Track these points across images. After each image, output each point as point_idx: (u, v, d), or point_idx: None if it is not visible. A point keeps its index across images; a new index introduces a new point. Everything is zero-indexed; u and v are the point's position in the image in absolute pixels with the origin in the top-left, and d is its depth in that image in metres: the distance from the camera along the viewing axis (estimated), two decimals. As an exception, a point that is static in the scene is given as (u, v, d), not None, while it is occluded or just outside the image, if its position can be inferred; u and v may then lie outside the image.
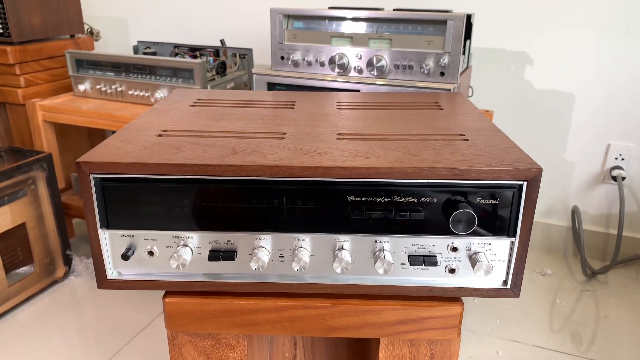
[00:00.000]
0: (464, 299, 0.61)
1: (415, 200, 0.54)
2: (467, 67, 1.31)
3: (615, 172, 1.53)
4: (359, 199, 0.54)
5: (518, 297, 0.58)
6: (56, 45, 1.67)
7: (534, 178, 0.52)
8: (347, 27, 1.18)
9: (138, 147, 0.57)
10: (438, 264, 0.57)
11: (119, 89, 1.51)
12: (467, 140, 0.61)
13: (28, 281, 1.40)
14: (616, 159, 1.54)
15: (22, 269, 1.48)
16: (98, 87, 1.54)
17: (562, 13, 1.45)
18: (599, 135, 1.54)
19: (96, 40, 1.84)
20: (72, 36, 1.74)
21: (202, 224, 0.56)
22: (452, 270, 0.57)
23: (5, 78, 1.59)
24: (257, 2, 1.75)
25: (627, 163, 1.53)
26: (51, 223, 1.43)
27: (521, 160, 0.54)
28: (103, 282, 0.58)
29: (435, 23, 1.10)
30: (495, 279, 0.58)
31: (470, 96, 1.44)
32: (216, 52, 1.69)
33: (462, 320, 0.61)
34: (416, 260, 0.56)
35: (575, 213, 1.58)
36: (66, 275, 1.50)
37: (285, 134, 0.63)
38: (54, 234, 1.45)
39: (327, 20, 1.19)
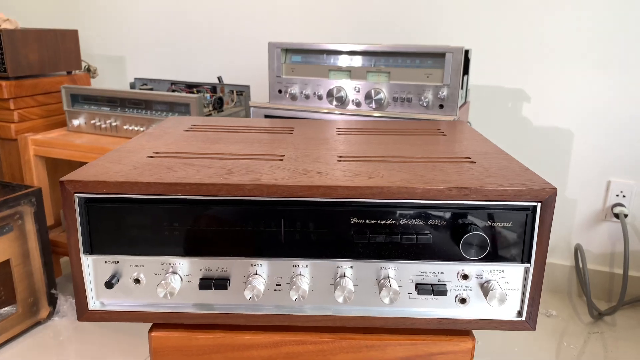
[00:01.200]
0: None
1: (422, 222, 0.50)
2: (465, 102, 1.30)
3: (617, 210, 1.50)
4: (363, 221, 0.50)
5: (534, 330, 0.53)
6: (52, 81, 1.66)
7: (549, 199, 0.49)
8: (345, 61, 1.17)
9: (127, 167, 0.54)
10: (448, 293, 0.52)
11: (114, 124, 1.49)
12: (475, 162, 0.59)
13: (9, 322, 1.33)
14: (617, 196, 1.51)
15: (4, 310, 1.41)
16: (92, 121, 1.52)
17: (558, 50, 1.46)
18: (599, 172, 1.52)
19: (93, 77, 1.84)
20: (69, 72, 1.74)
21: (193, 249, 0.52)
22: (462, 300, 0.53)
23: (-1, 113, 1.57)
24: (255, 40, 1.76)
25: (629, 200, 1.50)
26: (37, 260, 1.38)
27: (534, 181, 0.51)
28: (84, 313, 0.53)
29: (434, 56, 1.10)
30: (509, 310, 0.53)
31: (469, 132, 1.42)
32: (213, 89, 1.68)
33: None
34: (424, 289, 0.52)
35: (578, 251, 1.54)
36: (50, 316, 1.43)
37: (284, 155, 0.60)
38: (40, 272, 1.39)
39: (325, 54, 1.18)
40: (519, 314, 0.53)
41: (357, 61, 1.16)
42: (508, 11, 1.48)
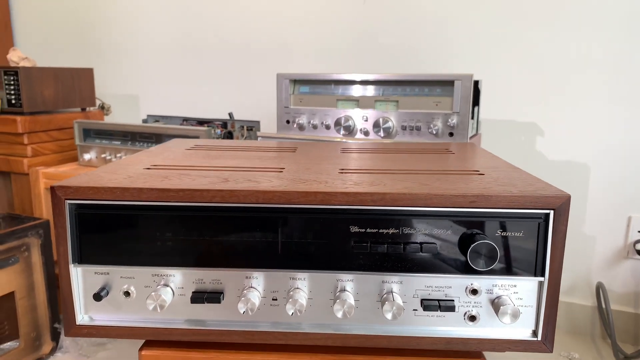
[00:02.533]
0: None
1: (427, 231, 0.47)
2: (477, 133, 1.29)
3: (639, 246, 1.44)
4: (363, 230, 0.48)
5: (551, 352, 0.49)
6: (66, 117, 1.69)
7: (562, 206, 0.46)
8: (353, 91, 1.17)
9: (122, 177, 0.52)
10: (456, 309, 0.49)
11: (124, 157, 1.49)
12: (483, 174, 0.56)
13: (11, 357, 1.29)
14: (639, 232, 1.46)
15: (7, 345, 1.38)
16: (103, 155, 1.53)
17: (570, 84, 1.45)
18: (619, 207, 1.47)
19: (106, 115, 1.86)
20: (83, 109, 1.77)
21: (186, 260, 0.49)
22: (472, 318, 0.49)
23: (13, 148, 1.59)
24: (266, 76, 1.78)
25: (651, 236, 1.44)
26: (42, 294, 1.35)
27: (545, 189, 0.48)
28: (71, 328, 0.51)
29: (443, 84, 1.09)
30: (523, 329, 0.49)
31: (481, 165, 1.39)
32: (224, 124, 1.69)
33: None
34: (430, 304, 0.48)
35: (600, 290, 1.47)
36: (53, 351, 1.39)
37: (284, 168, 0.58)
38: (44, 305, 1.36)
39: (332, 85, 1.18)
40: (534, 333, 0.49)
41: (365, 91, 1.16)
42: (519, 45, 1.48)
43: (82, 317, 0.51)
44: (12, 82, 1.56)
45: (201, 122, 1.73)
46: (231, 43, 1.85)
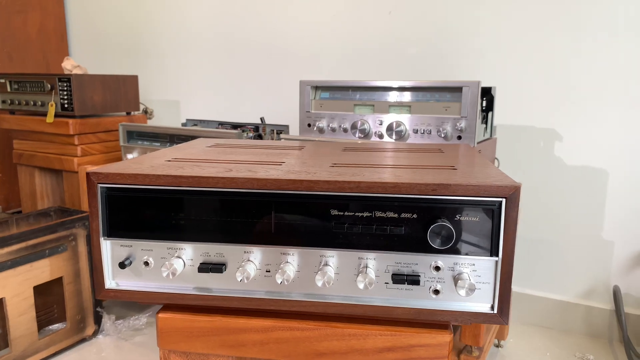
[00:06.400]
0: (454, 328, 0.59)
1: (395, 215, 0.55)
2: (490, 137, 1.34)
3: (658, 251, 1.45)
4: (342, 213, 0.56)
5: (507, 324, 0.56)
6: (113, 120, 1.84)
7: (513, 195, 0.53)
8: (369, 96, 1.25)
9: (145, 166, 0.63)
10: (421, 283, 0.56)
11: (151, 152, 1.62)
12: (456, 169, 0.63)
13: (58, 336, 1.44)
14: (658, 237, 1.46)
15: (55, 326, 1.52)
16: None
17: (588, 91, 1.48)
18: (636, 211, 1.49)
19: (149, 119, 2.01)
20: (128, 113, 1.92)
21: (194, 236, 0.59)
22: (436, 292, 0.56)
23: (65, 148, 1.75)
24: (295, 84, 1.89)
25: (671, 242, 1.45)
26: (86, 280, 1.49)
27: (501, 180, 0.55)
28: (101, 291, 0.61)
29: (452, 90, 1.16)
30: (482, 304, 0.56)
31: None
32: (256, 128, 1.80)
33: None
34: (399, 278, 0.56)
35: (616, 293, 1.49)
36: (95, 334, 1.53)
37: (284, 162, 0.67)
38: (88, 291, 1.50)
39: (350, 90, 1.27)
40: (492, 307, 0.56)
41: (380, 96, 1.24)
42: (539, 53, 1.52)
43: (110, 283, 0.61)
44: (65, 88, 1.72)
45: (235, 126, 1.85)
46: (264, 54, 1.96)
